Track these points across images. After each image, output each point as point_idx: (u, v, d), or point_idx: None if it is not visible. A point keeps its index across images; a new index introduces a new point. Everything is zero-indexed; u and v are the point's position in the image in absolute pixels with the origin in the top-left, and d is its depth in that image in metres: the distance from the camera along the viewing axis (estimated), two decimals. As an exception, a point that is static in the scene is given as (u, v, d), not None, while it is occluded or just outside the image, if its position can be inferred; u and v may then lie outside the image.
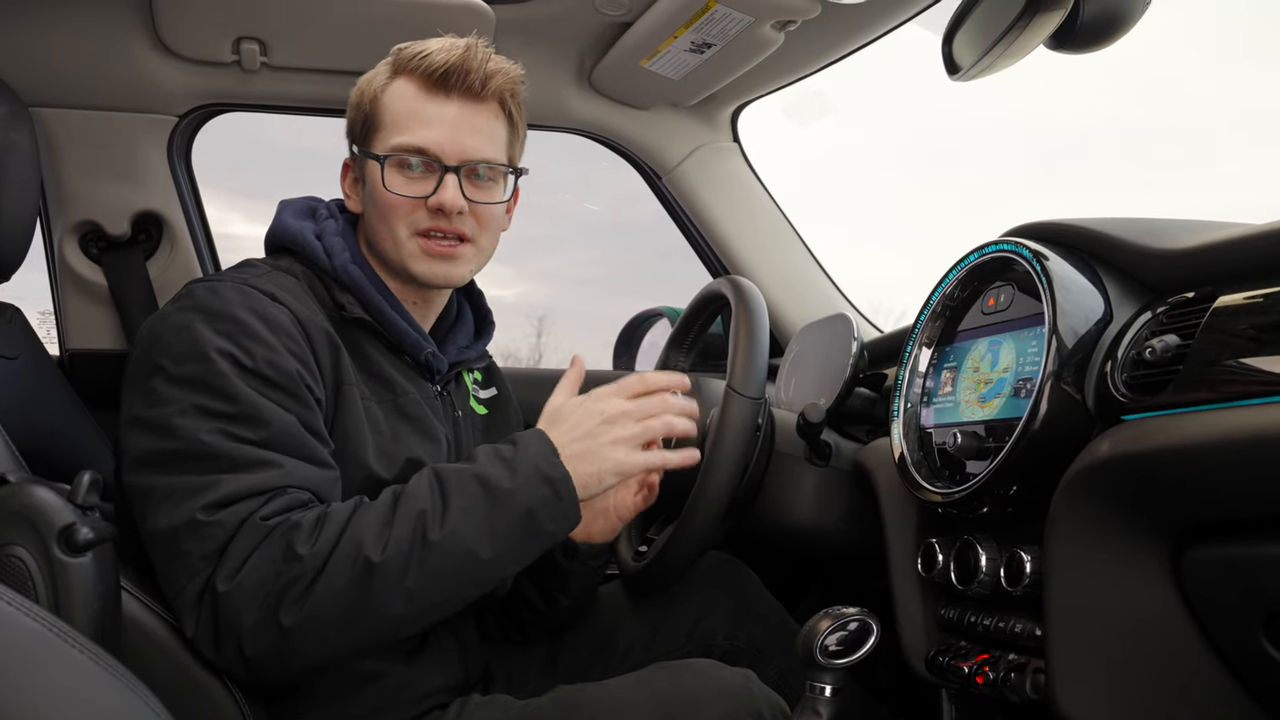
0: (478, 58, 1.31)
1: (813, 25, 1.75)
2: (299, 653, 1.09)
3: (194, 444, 1.12)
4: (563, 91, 2.07)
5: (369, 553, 1.09)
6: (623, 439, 1.22)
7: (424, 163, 1.30)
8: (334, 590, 1.08)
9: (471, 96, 1.32)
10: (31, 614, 0.75)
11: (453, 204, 1.29)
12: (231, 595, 1.07)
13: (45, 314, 2.07)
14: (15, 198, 1.41)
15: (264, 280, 1.24)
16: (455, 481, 1.16)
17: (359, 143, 1.37)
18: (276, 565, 1.08)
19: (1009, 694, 1.15)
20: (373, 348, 1.32)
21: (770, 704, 1.19)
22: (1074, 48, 1.16)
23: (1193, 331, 1.01)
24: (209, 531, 1.09)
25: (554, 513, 1.17)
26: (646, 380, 1.27)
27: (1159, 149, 8.96)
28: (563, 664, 1.52)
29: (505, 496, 1.15)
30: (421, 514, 1.13)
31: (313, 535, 1.10)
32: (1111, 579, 1.06)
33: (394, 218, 1.31)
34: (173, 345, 1.17)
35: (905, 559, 1.34)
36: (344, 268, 1.31)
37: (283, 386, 1.17)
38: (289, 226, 1.35)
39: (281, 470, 1.13)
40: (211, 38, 1.82)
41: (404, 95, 1.32)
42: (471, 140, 1.31)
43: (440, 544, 1.12)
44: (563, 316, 5.94)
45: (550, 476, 1.17)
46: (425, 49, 1.32)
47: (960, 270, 1.33)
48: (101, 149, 1.92)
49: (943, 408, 1.33)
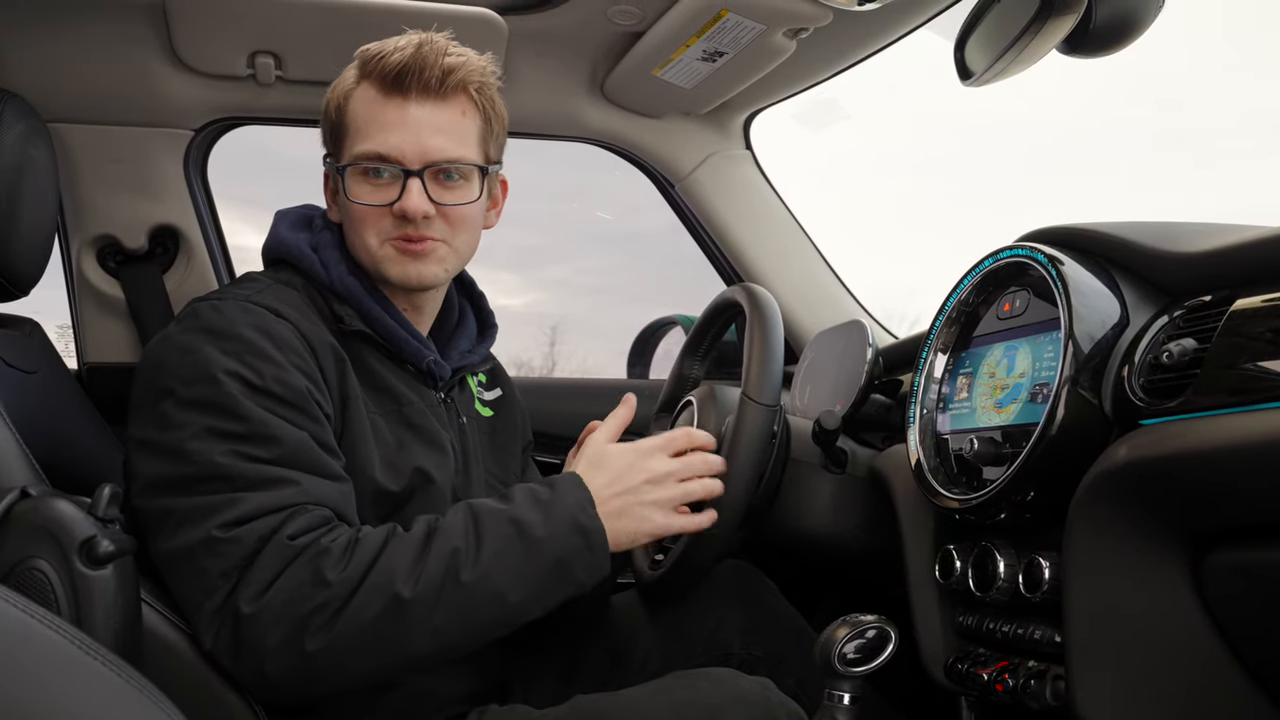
0: (432, 53, 1.26)
1: (824, 33, 1.75)
2: (318, 677, 1.10)
3: (209, 467, 1.12)
4: (575, 101, 2.08)
5: (400, 588, 1.09)
6: (662, 501, 1.25)
7: (386, 168, 1.27)
8: (361, 621, 1.08)
9: (430, 95, 1.27)
10: (53, 626, 0.76)
11: (416, 210, 1.26)
12: (257, 616, 1.07)
13: (64, 328, 2.08)
14: (34, 212, 1.42)
15: (266, 295, 1.24)
16: (491, 522, 1.16)
17: (330, 152, 1.35)
18: (305, 589, 1.08)
19: (1029, 701, 1.14)
20: (374, 359, 1.31)
21: (788, 712, 1.19)
22: (1087, 52, 1.15)
23: (1210, 335, 1.00)
24: (226, 548, 1.09)
25: (585, 563, 1.19)
26: (693, 437, 1.30)
27: (1169, 152, 8.94)
28: (579, 674, 1.52)
29: (538, 544, 1.16)
30: (455, 552, 1.13)
31: (342, 561, 1.10)
32: (1131, 584, 1.05)
33: (363, 227, 1.29)
34: (180, 368, 1.16)
35: (923, 566, 1.34)
36: (340, 280, 1.30)
37: (293, 403, 1.17)
38: (285, 239, 1.34)
39: (298, 487, 1.13)
40: (226, 52, 1.83)
41: (365, 100, 1.29)
42: (433, 140, 1.27)
43: (471, 585, 1.12)
44: (573, 325, 5.95)
45: (585, 528, 1.19)
46: (382, 50, 1.28)
47: (975, 275, 1.33)
48: (118, 163, 1.93)
49: (959, 414, 1.33)
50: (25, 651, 0.74)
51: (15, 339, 1.45)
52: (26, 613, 0.75)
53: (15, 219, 1.36)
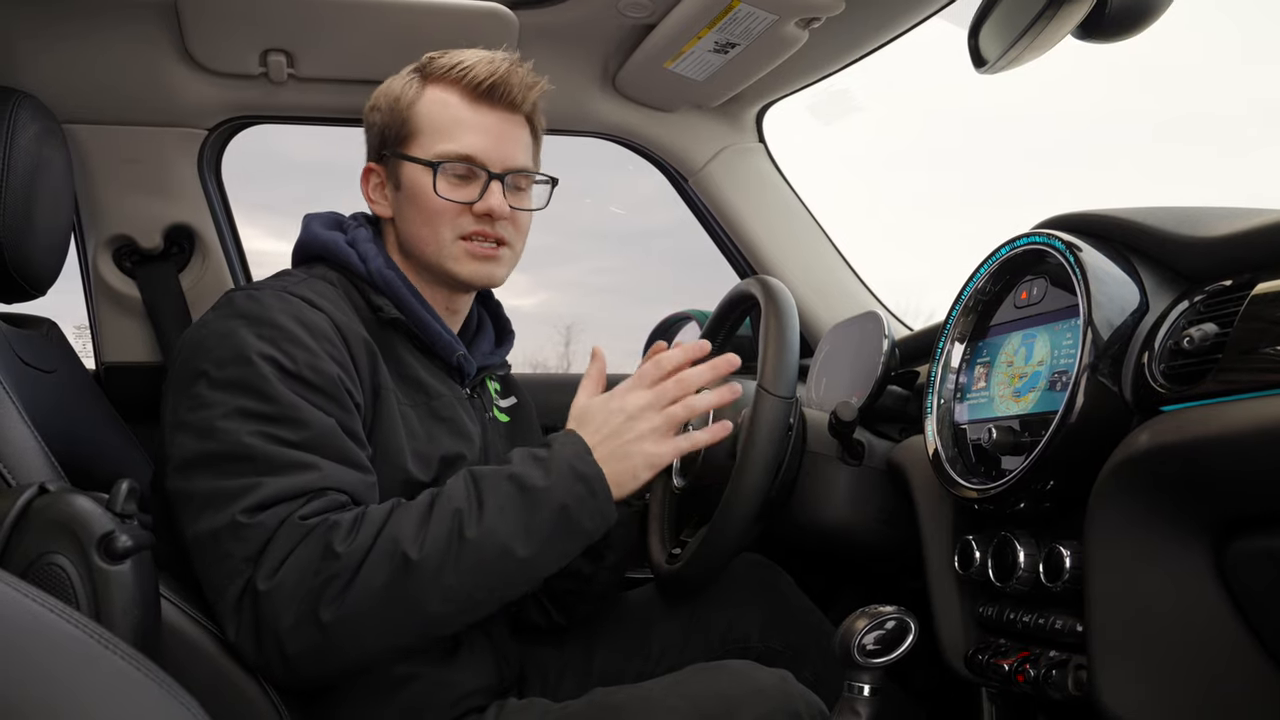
0: (519, 72, 1.37)
1: (837, 22, 1.74)
2: (338, 651, 1.10)
3: (235, 446, 1.13)
4: (587, 95, 2.07)
5: (407, 549, 1.11)
6: (648, 432, 1.25)
7: (468, 169, 1.34)
8: (372, 587, 1.10)
9: (511, 108, 1.37)
10: (73, 620, 0.76)
11: (500, 210, 1.34)
12: (271, 594, 1.08)
13: (81, 328, 2.10)
14: (50, 213, 1.42)
15: (302, 287, 1.27)
16: (490, 481, 1.19)
17: (392, 148, 1.38)
18: (315, 563, 1.09)
19: (1051, 691, 1.13)
20: (406, 351, 1.34)
21: (807, 704, 1.18)
22: (1102, 37, 1.14)
23: (1231, 320, 0.99)
24: (250, 533, 1.11)
25: (589, 509, 1.20)
26: (661, 364, 1.29)
27: (1189, 138, 8.87)
28: (597, 667, 1.52)
29: (540, 494, 1.17)
30: (458, 512, 1.15)
31: (350, 534, 1.11)
32: (1154, 572, 1.04)
33: (439, 222, 1.35)
34: (215, 350, 1.19)
35: (942, 557, 1.33)
36: (379, 272, 1.34)
37: (323, 390, 1.19)
38: (320, 236, 1.39)
39: (320, 473, 1.15)
40: (239, 51, 1.84)
41: (445, 104, 1.36)
42: (513, 150, 1.37)
43: (477, 541, 1.14)
44: (584, 324, 5.97)
45: (584, 474, 1.20)
46: (464, 59, 1.36)
47: (992, 264, 1.32)
48: (133, 163, 1.94)
49: (977, 403, 1.32)
50: (45, 646, 0.74)
51: (33, 339, 1.46)
52: (46, 607, 0.75)
53: (31, 219, 1.37)
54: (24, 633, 0.74)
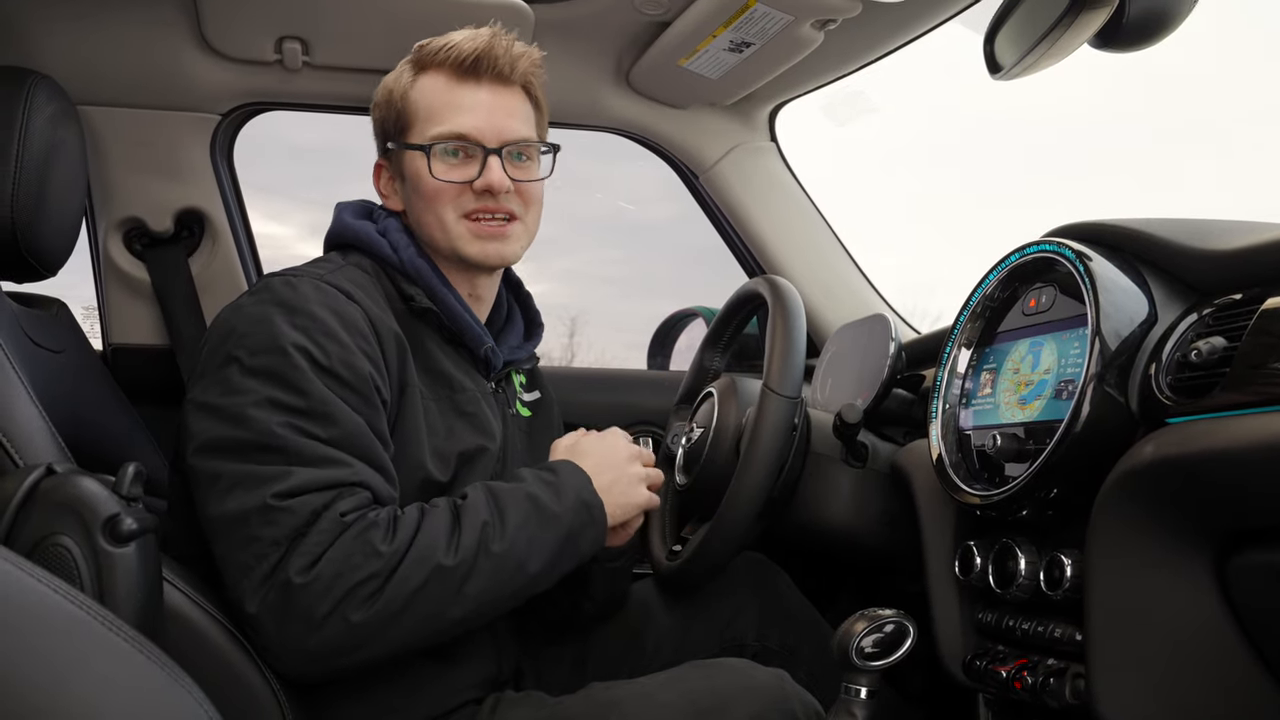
0: (503, 43, 1.36)
1: (853, 24, 1.73)
2: (360, 647, 1.11)
3: (265, 435, 1.14)
4: (600, 90, 2.07)
5: (442, 557, 1.14)
6: (638, 477, 1.35)
7: (463, 148, 1.34)
8: (406, 589, 1.12)
9: (501, 81, 1.36)
10: (77, 601, 0.77)
11: (500, 184, 1.33)
12: (309, 587, 1.09)
13: (89, 309, 2.10)
14: (62, 194, 1.43)
15: (339, 276, 1.27)
16: (510, 498, 1.22)
17: (394, 139, 1.38)
18: (355, 559, 1.10)
19: (1048, 699, 1.13)
20: (434, 343, 1.35)
21: (803, 703, 1.19)
22: (1119, 46, 1.14)
23: (1240, 333, 0.99)
24: (280, 517, 1.11)
25: (590, 536, 1.27)
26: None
27: (1197, 148, 8.81)
28: (593, 662, 1.52)
29: (553, 518, 1.23)
30: (485, 525, 1.18)
31: (389, 534, 1.13)
32: (1154, 584, 1.04)
33: (440, 203, 1.35)
34: (249, 337, 1.19)
35: (942, 562, 1.33)
36: (411, 261, 1.35)
37: (354, 387, 1.19)
38: (351, 225, 1.39)
39: (350, 469, 1.16)
40: (255, 37, 1.84)
41: (435, 88, 1.36)
42: (508, 122, 1.36)
43: (500, 555, 1.18)
44: (588, 315, 5.96)
45: (589, 503, 1.27)
46: (449, 41, 1.36)
47: (1001, 271, 1.32)
48: (146, 146, 1.95)
49: (982, 409, 1.32)
50: (49, 626, 0.74)
51: (43, 319, 1.46)
52: (50, 588, 0.76)
53: (44, 200, 1.37)
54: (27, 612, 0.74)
